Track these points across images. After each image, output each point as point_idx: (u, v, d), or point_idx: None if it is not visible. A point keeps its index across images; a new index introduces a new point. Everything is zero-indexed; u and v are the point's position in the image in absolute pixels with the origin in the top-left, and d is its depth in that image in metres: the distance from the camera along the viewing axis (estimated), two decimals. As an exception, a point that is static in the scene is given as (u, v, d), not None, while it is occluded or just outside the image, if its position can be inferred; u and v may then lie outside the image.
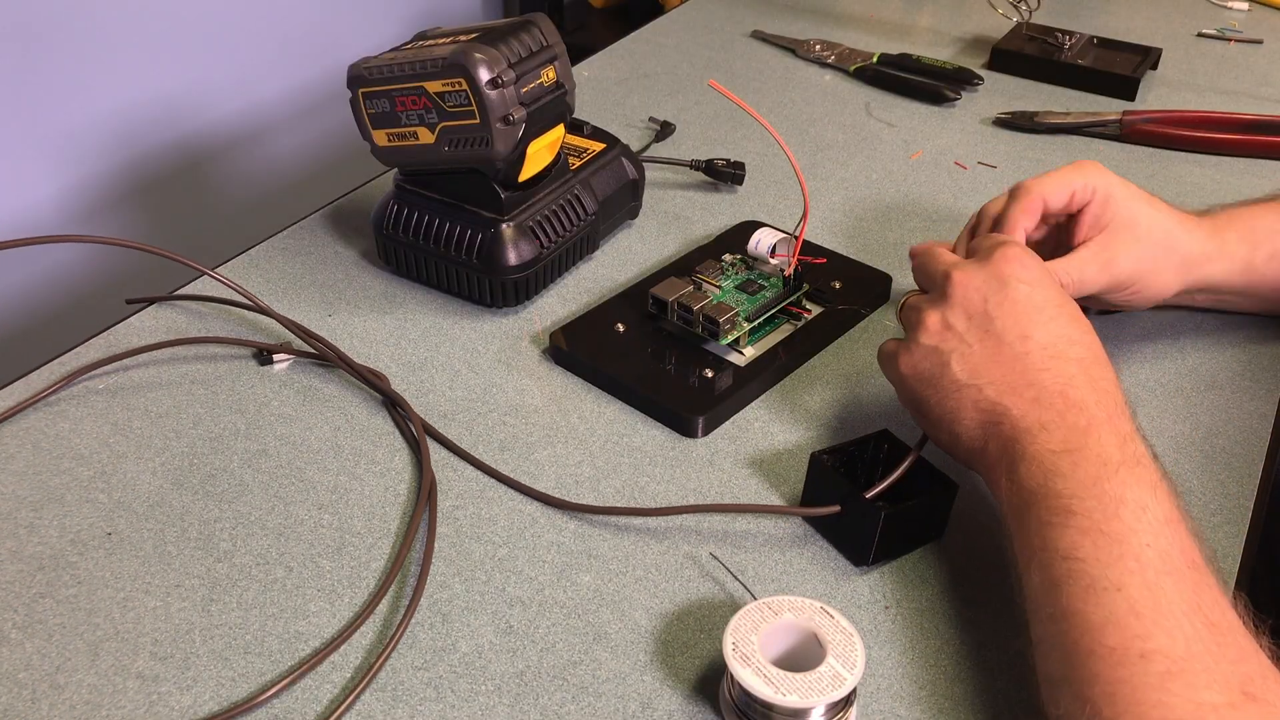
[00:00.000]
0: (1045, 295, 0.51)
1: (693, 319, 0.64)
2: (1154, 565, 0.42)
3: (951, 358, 0.51)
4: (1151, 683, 0.38)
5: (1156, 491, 0.44)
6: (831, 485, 0.53)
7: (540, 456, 0.59)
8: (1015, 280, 0.51)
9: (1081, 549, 0.43)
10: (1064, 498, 0.45)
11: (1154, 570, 0.42)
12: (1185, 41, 1.15)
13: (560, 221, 0.70)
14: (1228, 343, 0.68)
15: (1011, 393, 0.49)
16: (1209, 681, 0.38)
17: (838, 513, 0.52)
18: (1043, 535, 0.45)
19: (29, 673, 0.47)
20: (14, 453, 0.58)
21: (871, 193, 0.85)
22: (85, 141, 1.27)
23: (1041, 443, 0.47)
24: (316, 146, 1.57)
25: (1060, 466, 0.46)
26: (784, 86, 1.03)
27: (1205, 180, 0.87)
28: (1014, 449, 0.48)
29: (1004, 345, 0.50)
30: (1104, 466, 0.45)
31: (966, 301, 0.52)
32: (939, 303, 0.53)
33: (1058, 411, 0.48)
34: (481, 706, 0.46)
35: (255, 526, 0.54)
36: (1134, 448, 0.46)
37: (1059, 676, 0.42)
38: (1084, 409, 0.47)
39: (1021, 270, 0.52)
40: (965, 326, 0.51)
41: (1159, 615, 0.40)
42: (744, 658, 0.43)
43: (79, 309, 1.29)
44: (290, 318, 0.66)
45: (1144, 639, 0.40)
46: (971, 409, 0.50)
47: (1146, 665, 0.39)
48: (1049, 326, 0.50)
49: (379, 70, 0.65)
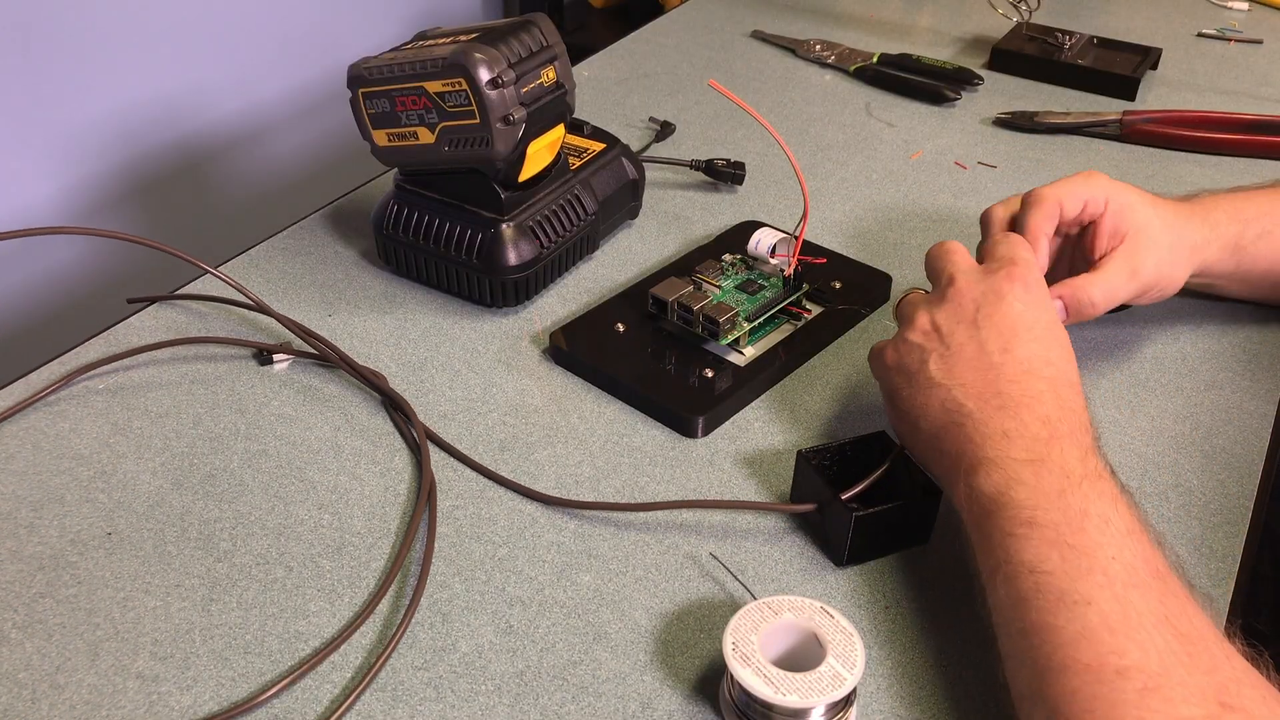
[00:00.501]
0: (1035, 316, 0.52)
1: (693, 319, 0.64)
2: (1121, 578, 0.42)
3: (931, 356, 0.52)
4: (1130, 699, 0.38)
5: (1118, 504, 0.45)
6: (812, 484, 0.53)
7: (540, 456, 0.59)
8: (1011, 297, 0.52)
9: (1049, 561, 0.43)
10: (1026, 508, 0.45)
11: (1121, 583, 0.42)
12: (1185, 41, 1.15)
13: (560, 221, 0.70)
14: (1228, 343, 0.68)
15: (978, 398, 0.50)
16: (1185, 695, 0.38)
17: (815, 511, 0.53)
18: (1006, 547, 0.45)
19: (29, 673, 0.47)
20: (14, 453, 0.58)
21: (871, 193, 0.85)
22: (85, 141, 1.27)
23: (1002, 449, 0.47)
24: (316, 146, 1.57)
25: (1022, 475, 0.46)
26: (784, 86, 1.03)
27: (1205, 180, 0.87)
28: (973, 452, 0.48)
29: (983, 354, 0.51)
30: (1067, 479, 0.45)
31: (959, 308, 0.53)
32: (934, 304, 0.54)
33: (1021, 421, 0.48)
34: (481, 706, 0.46)
35: (255, 526, 0.54)
36: (1094, 462, 0.47)
37: (1032, 692, 0.41)
38: (1047, 422, 0.48)
39: (1021, 290, 0.53)
40: (950, 330, 0.52)
41: (1131, 630, 0.40)
42: (744, 658, 0.43)
43: (79, 308, 1.29)
44: (290, 317, 0.66)
45: (1119, 654, 0.39)
46: (938, 408, 0.51)
47: (1124, 682, 0.39)
48: (1030, 345, 0.51)
49: (379, 70, 0.65)
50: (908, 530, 0.53)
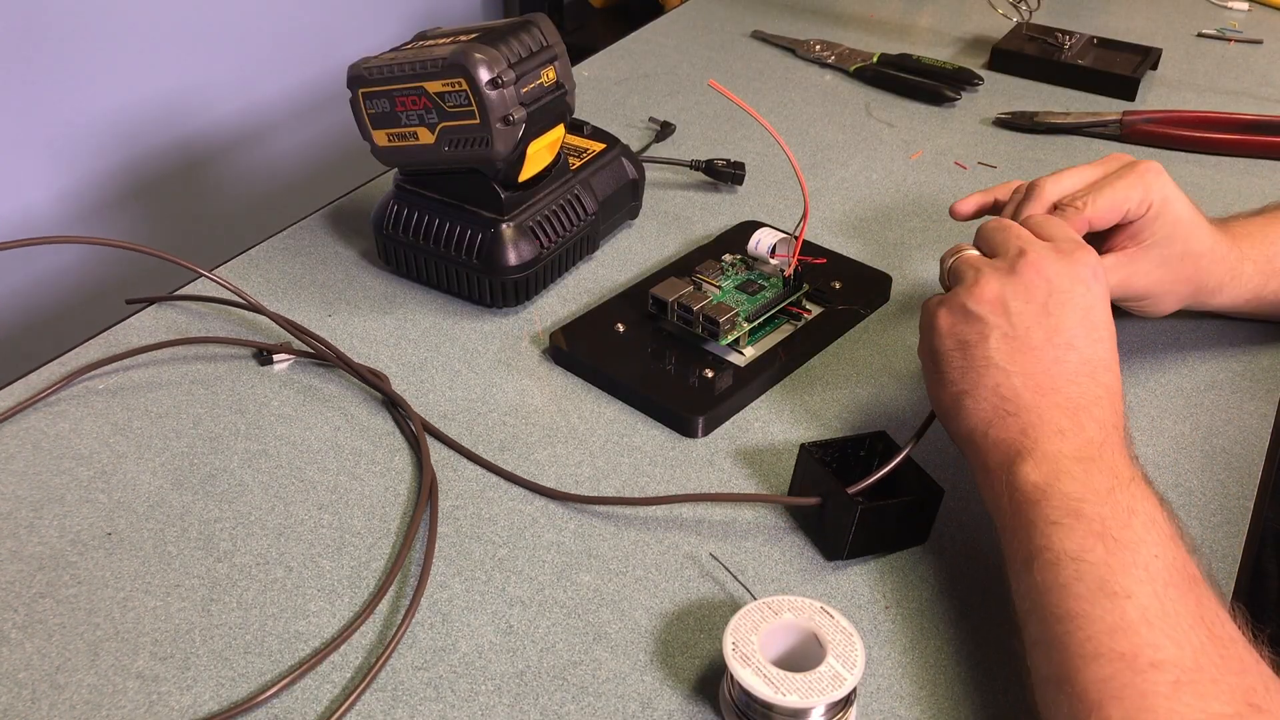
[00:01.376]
0: (1102, 315, 0.51)
1: (693, 319, 0.64)
2: (1162, 577, 0.42)
3: (994, 334, 0.50)
4: (1163, 691, 0.39)
5: (1161, 509, 0.45)
6: (815, 477, 0.53)
7: (540, 456, 0.59)
8: (1084, 288, 0.51)
9: (1093, 552, 0.43)
10: (1073, 500, 0.45)
11: (1162, 581, 0.42)
12: (1185, 41, 1.15)
13: (560, 221, 0.70)
14: (1228, 343, 0.68)
15: (1037, 391, 0.49)
16: (1216, 693, 0.39)
17: (818, 504, 0.53)
18: (1048, 534, 0.45)
19: (29, 673, 0.47)
20: (14, 453, 0.58)
21: (871, 193, 0.85)
22: (85, 141, 1.27)
23: (1056, 445, 0.47)
24: (316, 146, 1.57)
25: (1073, 470, 0.46)
26: (784, 86, 1.03)
27: (1205, 180, 0.87)
28: (1023, 443, 0.48)
29: (1049, 345, 0.50)
30: (1116, 479, 0.46)
31: (1032, 286, 0.51)
32: (1004, 275, 0.51)
33: (1078, 423, 0.48)
34: (481, 706, 0.46)
35: (255, 526, 0.54)
36: (1138, 471, 0.47)
37: (1060, 677, 0.42)
38: (1101, 427, 0.48)
39: (1093, 281, 0.51)
40: (1020, 310, 0.50)
41: (1168, 626, 0.40)
42: (744, 658, 0.43)
43: (79, 309, 1.29)
44: (290, 318, 0.66)
45: (1155, 648, 0.40)
46: (990, 391, 0.50)
47: (1158, 674, 0.39)
48: (1096, 346, 0.50)
49: (379, 70, 0.65)
50: (907, 529, 0.53)
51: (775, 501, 0.56)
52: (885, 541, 0.53)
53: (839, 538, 0.52)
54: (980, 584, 0.52)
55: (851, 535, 0.51)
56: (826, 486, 0.52)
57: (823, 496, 0.53)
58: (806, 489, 0.54)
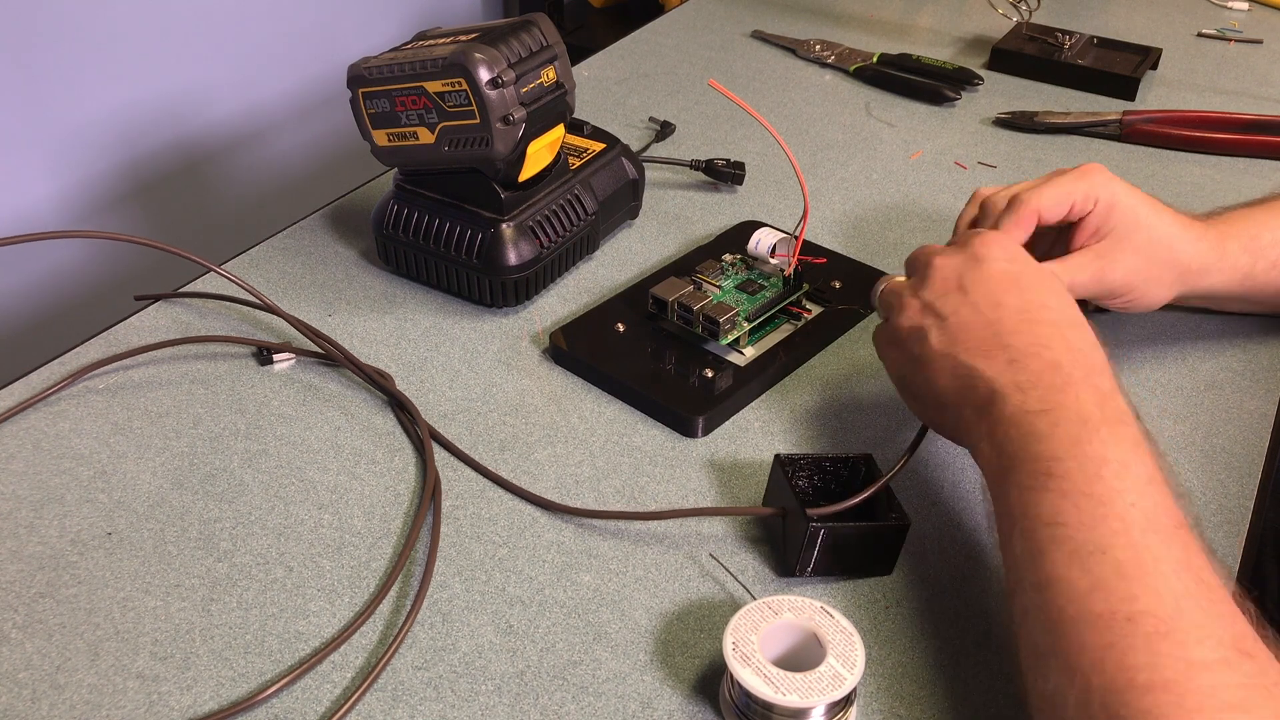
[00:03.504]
0: (1020, 269, 0.52)
1: (693, 319, 0.64)
2: (1139, 524, 0.41)
3: (930, 332, 0.52)
4: (1138, 645, 0.38)
5: (1138, 450, 0.44)
6: (781, 491, 0.53)
7: (540, 456, 0.59)
8: (990, 258, 0.53)
9: (1064, 514, 0.42)
10: (1043, 460, 0.44)
11: (1139, 529, 0.41)
12: (1185, 41, 1.15)
13: (560, 221, 0.70)
14: (1227, 343, 0.68)
15: (984, 356, 0.49)
16: (1200, 638, 0.38)
17: (780, 518, 0.52)
18: (1023, 501, 0.44)
19: (29, 673, 0.47)
20: (14, 453, 0.58)
21: (871, 193, 0.85)
22: (86, 141, 1.27)
23: (1017, 403, 0.47)
24: (316, 146, 1.57)
25: (1038, 427, 0.45)
26: (784, 86, 1.03)
27: (1205, 180, 0.87)
28: (991, 411, 0.48)
29: (978, 313, 0.51)
30: (1084, 426, 0.44)
31: (944, 281, 0.53)
32: (918, 286, 0.54)
33: (1034, 372, 0.47)
34: (481, 706, 0.46)
35: (255, 526, 0.54)
36: (1115, 405, 0.46)
37: (1045, 648, 0.41)
38: (1059, 368, 0.47)
39: (998, 249, 0.53)
40: (941, 303, 0.52)
41: (1145, 575, 0.39)
42: (744, 657, 0.43)
43: (79, 308, 1.29)
44: (297, 317, 0.66)
45: (1130, 601, 0.39)
46: (949, 377, 0.50)
47: (1133, 628, 0.38)
48: (1023, 294, 0.51)
49: (379, 70, 0.65)
50: (871, 557, 0.52)
51: (738, 513, 0.55)
52: (846, 566, 0.52)
53: (793, 556, 0.51)
54: (980, 583, 0.52)
55: (802, 555, 0.50)
56: (789, 503, 0.51)
57: (784, 512, 0.52)
58: (774, 499, 0.54)
